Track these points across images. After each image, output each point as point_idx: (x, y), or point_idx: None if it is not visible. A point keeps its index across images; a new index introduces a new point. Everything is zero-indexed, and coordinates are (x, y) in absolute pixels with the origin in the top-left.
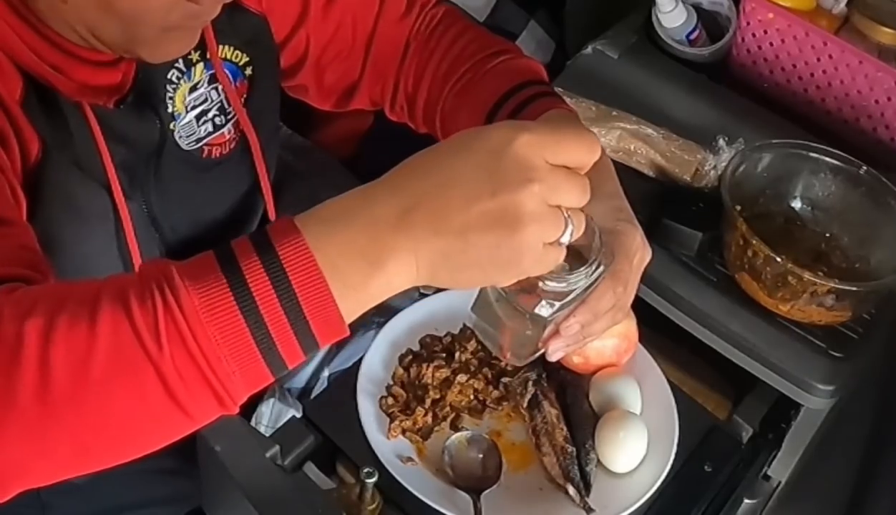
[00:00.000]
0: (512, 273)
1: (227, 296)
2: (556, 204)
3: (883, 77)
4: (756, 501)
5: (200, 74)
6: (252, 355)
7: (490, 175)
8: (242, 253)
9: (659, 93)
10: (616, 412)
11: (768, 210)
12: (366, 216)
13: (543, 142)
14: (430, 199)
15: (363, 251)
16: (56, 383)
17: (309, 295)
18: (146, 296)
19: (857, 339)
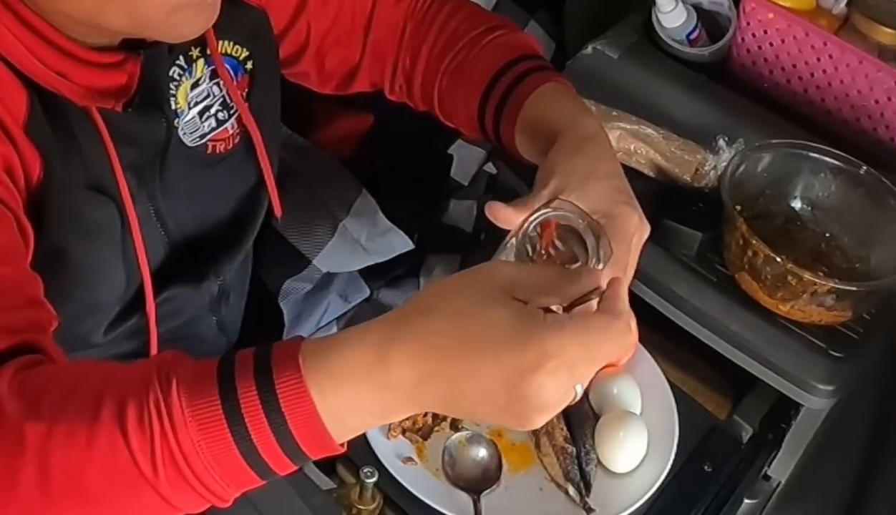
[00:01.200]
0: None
1: (224, 430)
2: (573, 385)
3: (883, 77)
4: (756, 501)
5: (202, 70)
6: (246, 475)
7: (508, 390)
8: (243, 382)
9: (659, 93)
10: (616, 412)
11: (768, 210)
12: (379, 381)
13: (574, 336)
14: (445, 383)
15: (370, 409)
16: (55, 486)
17: (306, 435)
18: (143, 417)
19: (857, 339)
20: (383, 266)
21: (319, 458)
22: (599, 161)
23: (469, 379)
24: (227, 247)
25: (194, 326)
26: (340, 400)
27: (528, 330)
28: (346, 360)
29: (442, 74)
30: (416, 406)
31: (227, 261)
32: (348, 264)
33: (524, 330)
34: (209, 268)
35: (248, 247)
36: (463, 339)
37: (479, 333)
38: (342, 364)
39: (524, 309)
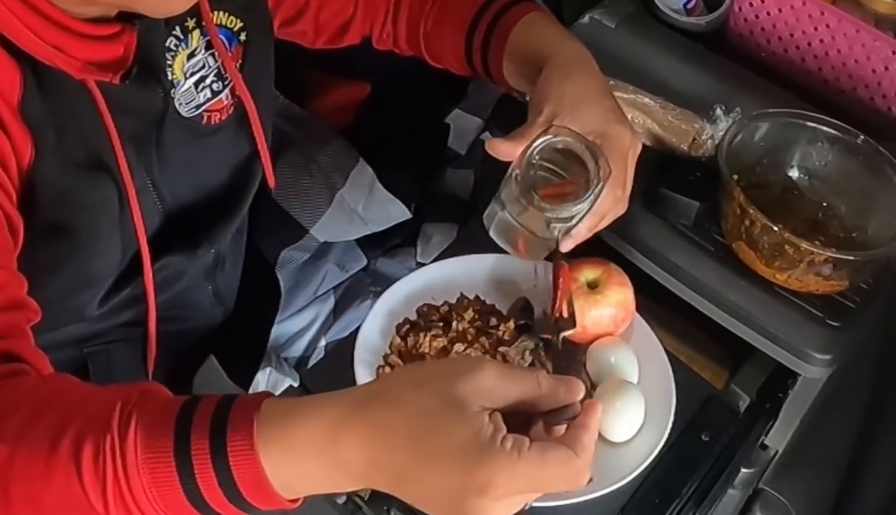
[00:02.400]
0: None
1: (175, 482)
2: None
3: (880, 46)
4: (753, 470)
5: (197, 41)
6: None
7: (451, 504)
8: (197, 437)
9: (656, 63)
10: (613, 381)
11: (765, 179)
12: (329, 459)
13: (526, 471)
14: (392, 476)
15: (318, 482)
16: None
17: (255, 495)
18: (98, 458)
19: (854, 308)
20: (380, 235)
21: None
22: (589, 83)
23: (415, 481)
24: (221, 216)
25: (190, 295)
26: (290, 471)
27: (482, 454)
28: (300, 435)
29: (426, 17)
30: (364, 484)
31: (221, 230)
32: (345, 233)
33: (478, 454)
34: (204, 237)
35: (242, 215)
36: (416, 441)
37: (434, 441)
38: (296, 437)
39: (484, 430)
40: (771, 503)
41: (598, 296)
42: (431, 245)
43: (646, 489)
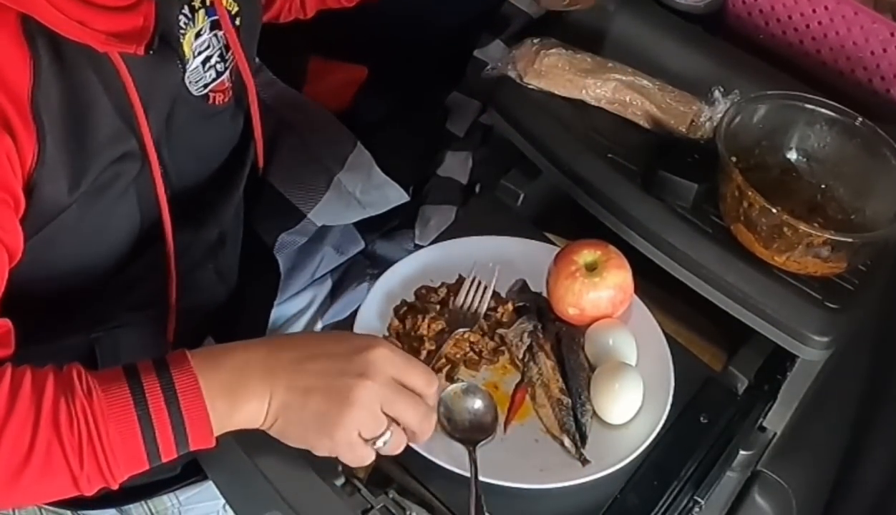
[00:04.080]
0: (325, 443)
1: (135, 428)
2: (383, 408)
3: (878, 28)
4: (752, 452)
5: (203, 21)
6: (141, 460)
7: (343, 362)
8: (151, 388)
9: (654, 45)
10: (611, 363)
11: (764, 161)
12: (240, 358)
13: (394, 360)
14: (292, 365)
15: (234, 388)
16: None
17: (193, 420)
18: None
19: (852, 290)
20: (378, 218)
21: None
22: None
23: (312, 359)
24: (221, 195)
25: (195, 274)
26: (214, 382)
27: (368, 341)
28: (224, 357)
29: None
30: (264, 387)
31: (223, 209)
32: (343, 217)
33: (364, 340)
34: (209, 214)
35: (239, 195)
36: (315, 339)
37: (330, 338)
38: (218, 349)
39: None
40: (769, 485)
41: (597, 279)
42: (430, 227)
43: (644, 471)
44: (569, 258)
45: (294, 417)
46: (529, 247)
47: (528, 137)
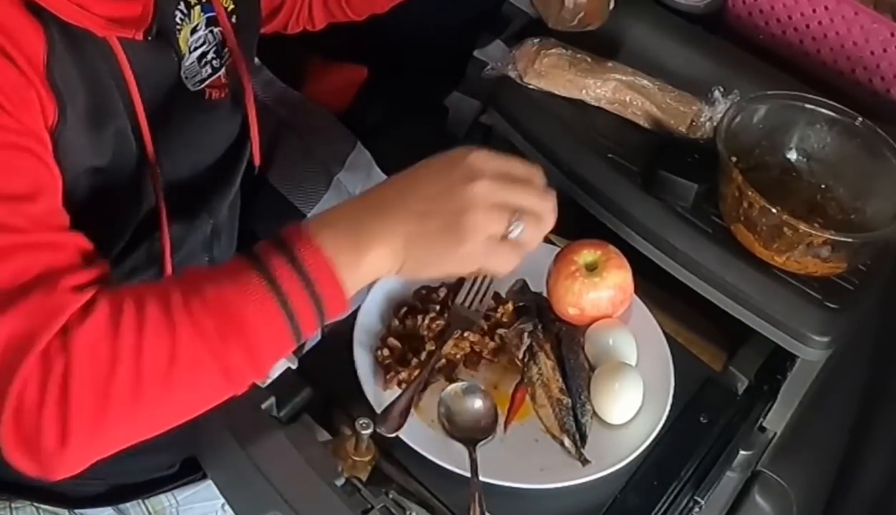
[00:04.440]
0: (462, 259)
1: (271, 302)
2: (499, 201)
3: (878, 28)
4: (752, 452)
5: (198, 17)
6: (285, 338)
7: (446, 177)
8: (275, 263)
9: (654, 45)
10: (611, 363)
11: (764, 161)
12: (349, 214)
13: (491, 156)
14: (400, 196)
15: (354, 242)
16: (145, 392)
17: (324, 283)
18: (209, 311)
19: (852, 291)
20: None
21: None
22: None
23: (416, 185)
24: (215, 190)
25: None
26: (333, 239)
27: (464, 151)
28: (331, 210)
29: None
30: (383, 227)
31: (217, 202)
32: None
33: (461, 152)
34: (202, 207)
35: (235, 190)
36: (411, 170)
37: (424, 164)
38: (329, 214)
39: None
40: (769, 485)
41: (597, 279)
42: None
43: (644, 471)
44: (569, 258)
45: (422, 246)
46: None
47: (528, 137)
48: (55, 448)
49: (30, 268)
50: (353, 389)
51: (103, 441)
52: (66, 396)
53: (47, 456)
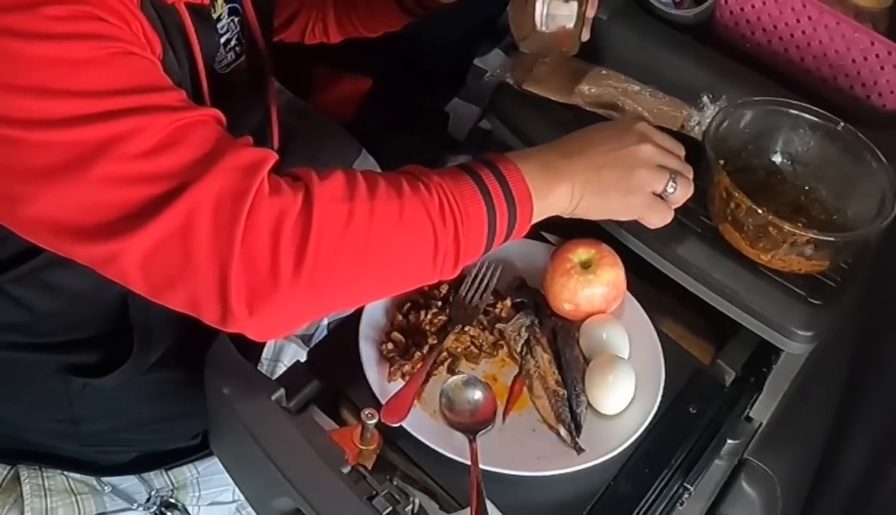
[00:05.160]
0: (629, 206)
1: (480, 199)
2: (661, 163)
3: (859, 37)
4: (739, 442)
5: (221, 7)
6: (483, 237)
7: (619, 137)
8: (483, 172)
9: (646, 53)
10: (605, 357)
11: (750, 164)
12: (539, 154)
13: (654, 130)
14: (582, 149)
15: (545, 174)
16: (372, 248)
17: (520, 199)
18: (432, 191)
19: (834, 287)
20: None
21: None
22: None
23: (594, 142)
24: None
25: None
26: (530, 168)
27: (632, 121)
28: (529, 152)
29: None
30: (567, 168)
31: None
32: None
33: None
34: None
35: None
36: (588, 131)
37: (599, 127)
38: (528, 153)
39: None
40: (755, 472)
41: (591, 276)
42: None
43: (636, 459)
44: (564, 256)
45: (595, 190)
46: (527, 246)
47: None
48: (289, 280)
49: (208, 138)
50: (359, 381)
51: (328, 291)
52: (307, 229)
53: (279, 293)
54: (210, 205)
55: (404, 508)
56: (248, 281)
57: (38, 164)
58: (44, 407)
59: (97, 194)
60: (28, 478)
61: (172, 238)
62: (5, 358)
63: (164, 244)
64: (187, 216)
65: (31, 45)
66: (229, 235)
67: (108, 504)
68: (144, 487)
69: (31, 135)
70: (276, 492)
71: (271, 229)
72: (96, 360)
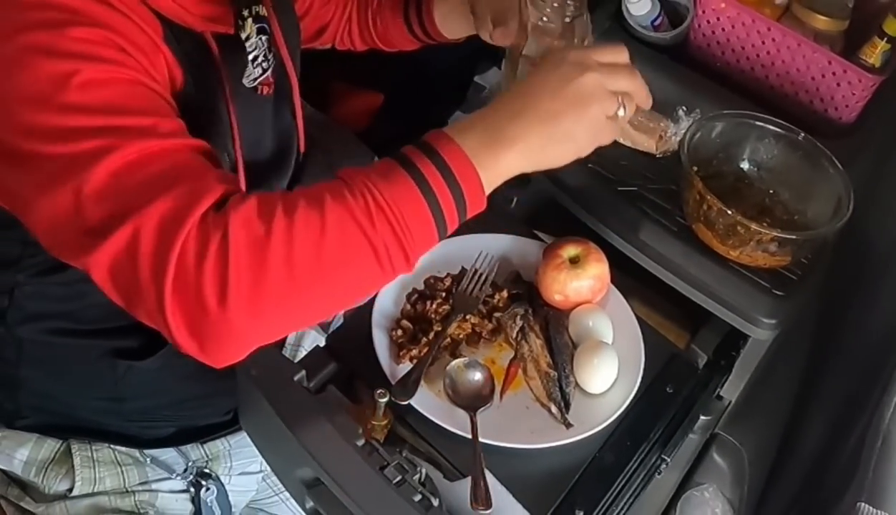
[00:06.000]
0: (590, 141)
1: (414, 187)
2: (609, 88)
3: (818, 57)
4: (710, 418)
5: (250, 27)
6: (429, 224)
7: (561, 78)
8: (417, 158)
9: None
10: (591, 342)
11: (721, 170)
12: (483, 119)
13: (587, 50)
14: (527, 104)
15: (490, 143)
16: (298, 265)
17: (463, 176)
18: (357, 194)
19: (796, 280)
20: None
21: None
22: None
23: (539, 91)
24: (277, 172)
25: None
26: (472, 141)
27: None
28: (469, 119)
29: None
30: (517, 129)
31: (278, 185)
32: None
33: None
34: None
35: (291, 172)
36: (526, 83)
37: (536, 75)
38: (467, 122)
39: None
40: (725, 445)
41: (579, 270)
42: None
43: (619, 433)
44: (555, 253)
45: (557, 140)
46: (522, 243)
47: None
48: (216, 308)
49: (178, 165)
50: (372, 364)
51: (263, 315)
52: (226, 255)
53: (210, 321)
54: (153, 229)
55: (412, 477)
56: (183, 308)
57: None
58: (92, 386)
59: (71, 208)
60: (78, 451)
61: (124, 257)
62: (57, 343)
63: (119, 262)
64: (133, 236)
65: (49, 60)
66: (164, 261)
67: (149, 473)
68: (182, 458)
69: (26, 144)
70: (298, 463)
71: (196, 257)
72: (138, 345)
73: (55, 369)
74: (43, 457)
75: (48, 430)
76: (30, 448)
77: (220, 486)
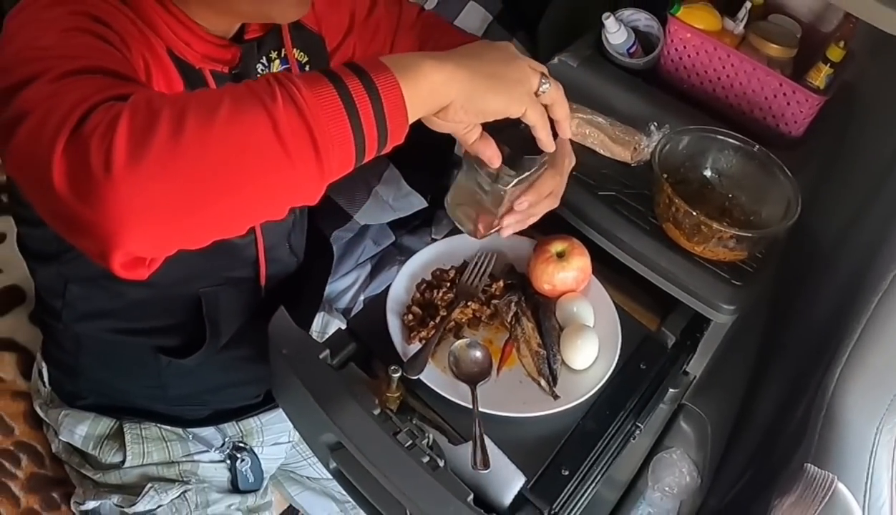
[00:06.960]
0: (513, 96)
1: (328, 83)
2: (535, 67)
3: (771, 80)
4: (678, 390)
5: (277, 68)
6: (343, 121)
7: (501, 53)
8: (338, 69)
9: (607, 92)
10: (575, 325)
11: (687, 177)
12: (411, 55)
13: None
14: (455, 57)
15: (413, 59)
16: (187, 128)
17: (384, 85)
18: (264, 81)
19: (752, 272)
20: (405, 219)
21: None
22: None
23: (479, 57)
24: None
25: (275, 251)
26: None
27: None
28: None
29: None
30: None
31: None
32: (379, 218)
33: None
34: None
35: None
36: (472, 47)
37: (482, 46)
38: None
39: None
40: (691, 414)
41: (565, 263)
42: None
43: (599, 404)
44: (545, 248)
45: (485, 74)
46: (515, 240)
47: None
48: (100, 175)
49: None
50: (387, 344)
51: (148, 185)
52: (114, 127)
53: (94, 182)
54: (63, 109)
55: (421, 441)
56: (70, 169)
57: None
58: (139, 376)
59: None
60: (129, 429)
61: (33, 134)
62: (107, 339)
63: (26, 143)
64: (43, 117)
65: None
66: (59, 130)
67: (191, 448)
68: (220, 435)
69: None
70: (322, 430)
71: (91, 127)
72: (178, 344)
73: (107, 360)
74: (99, 433)
75: (103, 410)
76: (88, 425)
77: (254, 457)
